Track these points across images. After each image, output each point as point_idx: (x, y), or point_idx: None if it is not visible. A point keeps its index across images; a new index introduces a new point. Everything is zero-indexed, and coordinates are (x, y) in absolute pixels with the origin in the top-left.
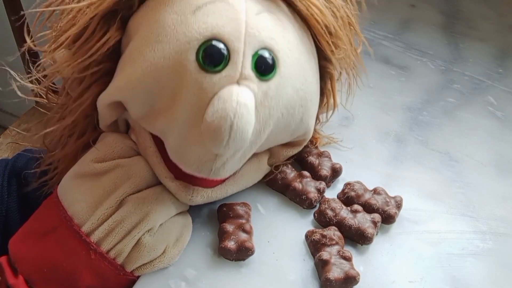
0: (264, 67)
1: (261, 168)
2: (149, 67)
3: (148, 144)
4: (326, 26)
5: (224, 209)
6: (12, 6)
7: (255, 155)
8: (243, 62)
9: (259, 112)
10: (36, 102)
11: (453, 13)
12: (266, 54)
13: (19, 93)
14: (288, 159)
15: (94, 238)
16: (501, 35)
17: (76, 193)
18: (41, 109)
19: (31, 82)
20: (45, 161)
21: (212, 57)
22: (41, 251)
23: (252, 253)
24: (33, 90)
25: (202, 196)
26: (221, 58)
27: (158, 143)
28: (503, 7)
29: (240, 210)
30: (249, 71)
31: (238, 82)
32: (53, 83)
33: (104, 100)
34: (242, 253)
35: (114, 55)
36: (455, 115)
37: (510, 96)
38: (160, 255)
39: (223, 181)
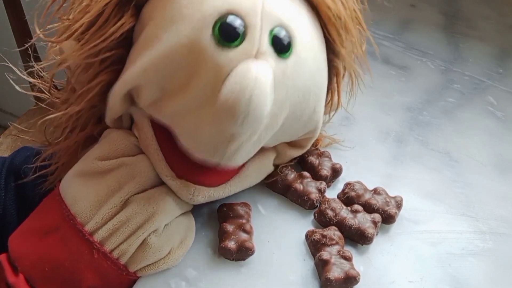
0: (280, 46)
1: (266, 169)
2: (165, 49)
3: (149, 141)
4: (337, 14)
5: (225, 209)
6: (12, 6)
7: (261, 154)
8: (260, 37)
9: (276, 91)
10: (35, 100)
11: (453, 13)
12: (283, 32)
13: (18, 88)
14: (290, 161)
15: (97, 237)
16: (501, 35)
17: (79, 191)
18: (42, 105)
19: (32, 77)
20: (46, 152)
21: (229, 32)
22: (42, 250)
23: (252, 253)
24: (33, 89)
25: (203, 195)
26: (237, 33)
27: (161, 140)
28: (503, 7)
29: (241, 210)
30: (267, 46)
31: (255, 57)
32: (55, 84)
33: (120, 88)
34: (242, 253)
35: (126, 42)
36: (455, 115)
37: (510, 96)
38: (164, 256)
39: (226, 180)
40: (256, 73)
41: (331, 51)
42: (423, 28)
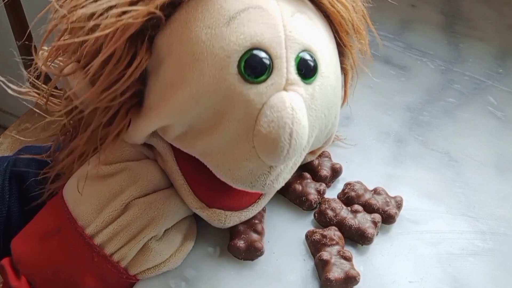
0: (306, 70)
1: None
2: (191, 90)
3: (175, 176)
4: (350, 21)
5: None
6: (12, 6)
7: None
8: (287, 68)
9: (308, 116)
10: (34, 107)
11: (453, 13)
12: (307, 56)
13: (18, 96)
14: None
15: (97, 240)
16: (501, 35)
17: (81, 195)
18: (39, 112)
19: (33, 85)
20: (52, 171)
21: (255, 67)
22: (44, 253)
23: (261, 253)
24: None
25: (235, 220)
26: (264, 67)
27: (186, 172)
28: (503, 7)
29: None
30: (294, 75)
31: (285, 89)
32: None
33: (145, 129)
34: (251, 252)
35: (141, 76)
36: (455, 115)
37: (510, 96)
38: (165, 260)
39: (256, 200)
40: (291, 106)
41: (341, 53)
42: (423, 28)
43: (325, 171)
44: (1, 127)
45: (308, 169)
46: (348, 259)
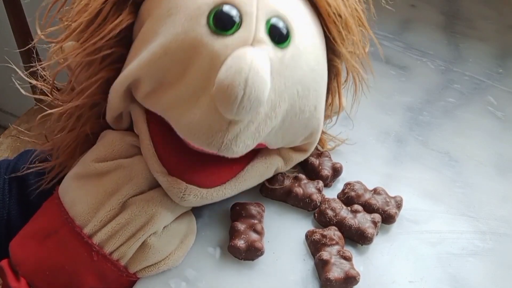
0: (279, 35)
1: (266, 174)
2: (162, 41)
3: (143, 137)
4: (337, 11)
5: (237, 208)
6: (12, 6)
7: (263, 158)
8: (256, 25)
9: (274, 80)
10: (36, 101)
11: (453, 13)
12: (280, 23)
13: (22, 91)
14: (294, 167)
15: (96, 240)
16: (501, 35)
17: (77, 194)
18: (43, 107)
19: (35, 79)
20: (45, 146)
21: (223, 20)
22: (43, 254)
23: (262, 254)
24: (35, 91)
25: (195, 195)
26: (233, 21)
27: (155, 136)
28: (503, 7)
29: (253, 210)
30: (263, 34)
31: (252, 45)
32: (56, 86)
33: (120, 83)
34: (251, 253)
35: (126, 41)
36: (455, 115)
37: (510, 96)
38: (165, 257)
39: (221, 182)
40: (252, 57)
41: (331, 51)
42: (423, 28)
43: (326, 171)
44: (1, 127)
45: (309, 169)
46: (348, 259)
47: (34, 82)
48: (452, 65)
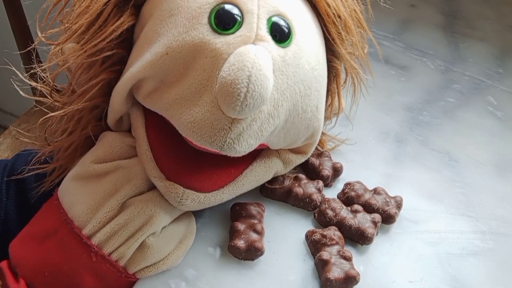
0: (280, 34)
1: (264, 177)
2: (162, 41)
3: (141, 141)
4: (336, 12)
5: (237, 208)
6: (12, 6)
7: (262, 161)
8: (258, 24)
9: (276, 78)
10: (36, 102)
11: (453, 13)
12: (281, 21)
13: (21, 92)
14: (294, 169)
15: (95, 240)
16: (501, 35)
17: (76, 195)
18: (42, 108)
19: (34, 81)
20: (46, 150)
21: (224, 18)
22: (42, 255)
23: (262, 253)
24: (34, 92)
25: (193, 200)
26: (234, 19)
27: (153, 141)
28: (503, 7)
29: (253, 210)
30: (264, 32)
31: (254, 43)
32: (56, 88)
33: (123, 84)
34: (251, 253)
35: (126, 43)
36: (455, 115)
37: (510, 96)
38: (164, 258)
39: (219, 187)
40: (254, 55)
41: (330, 52)
42: (423, 28)
43: (327, 171)
44: (1, 127)
45: (309, 169)
46: (348, 259)
47: (33, 84)
48: (452, 65)
